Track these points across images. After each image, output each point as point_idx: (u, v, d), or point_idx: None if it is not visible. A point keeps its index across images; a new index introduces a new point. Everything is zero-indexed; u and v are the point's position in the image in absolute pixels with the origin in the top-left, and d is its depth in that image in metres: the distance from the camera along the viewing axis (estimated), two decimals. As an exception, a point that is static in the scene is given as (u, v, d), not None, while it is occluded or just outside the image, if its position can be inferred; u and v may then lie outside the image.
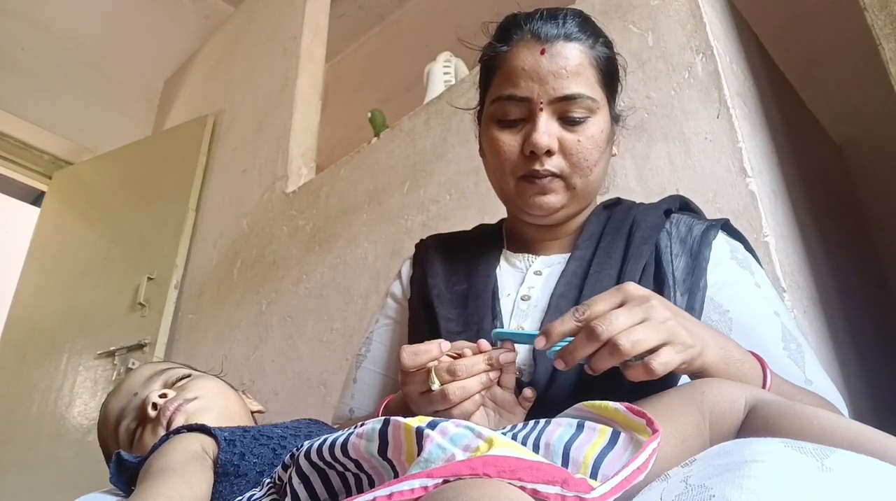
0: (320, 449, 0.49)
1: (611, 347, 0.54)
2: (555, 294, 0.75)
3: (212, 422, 0.73)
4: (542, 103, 0.74)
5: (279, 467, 0.55)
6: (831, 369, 1.02)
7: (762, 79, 1.38)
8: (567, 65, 0.74)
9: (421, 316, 0.83)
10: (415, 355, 0.62)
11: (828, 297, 1.16)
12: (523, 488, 0.36)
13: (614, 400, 0.52)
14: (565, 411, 0.56)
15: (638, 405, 0.51)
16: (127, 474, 0.71)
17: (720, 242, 0.78)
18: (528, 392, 0.65)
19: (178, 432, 0.70)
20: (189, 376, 0.85)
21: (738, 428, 0.50)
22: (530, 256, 0.84)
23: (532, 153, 0.75)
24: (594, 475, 0.46)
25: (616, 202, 0.88)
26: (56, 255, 3.00)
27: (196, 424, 0.71)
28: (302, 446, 0.52)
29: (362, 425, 0.48)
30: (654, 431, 0.46)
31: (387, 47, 3.36)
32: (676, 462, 0.43)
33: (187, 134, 2.94)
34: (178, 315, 2.50)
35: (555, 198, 0.77)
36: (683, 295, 0.73)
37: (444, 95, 1.82)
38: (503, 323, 0.76)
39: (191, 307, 2.48)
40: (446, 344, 0.63)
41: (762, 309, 0.73)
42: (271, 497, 0.54)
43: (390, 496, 0.36)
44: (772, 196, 1.12)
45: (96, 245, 2.86)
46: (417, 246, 0.96)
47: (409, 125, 1.87)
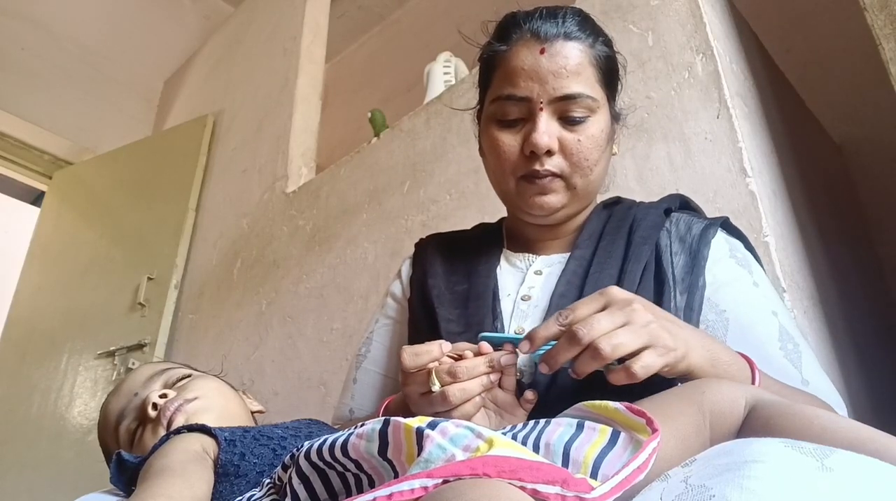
0: (320, 450, 0.49)
1: (592, 351, 0.55)
2: (555, 294, 0.75)
3: (212, 422, 0.73)
4: (541, 103, 0.74)
5: (279, 467, 0.55)
6: (831, 369, 1.02)
7: (762, 79, 1.37)
8: (567, 64, 0.74)
9: (421, 317, 0.83)
10: (415, 356, 0.62)
11: (828, 297, 1.16)
12: (523, 488, 0.36)
13: (614, 400, 0.52)
14: (565, 411, 0.56)
15: (638, 405, 0.51)
16: (127, 474, 0.71)
17: (719, 240, 0.77)
18: (530, 394, 0.64)
19: (178, 432, 0.70)
20: (189, 376, 0.85)
21: (739, 428, 0.50)
22: (531, 256, 0.84)
23: (532, 153, 0.75)
24: (594, 474, 0.46)
25: (616, 201, 0.88)
26: (56, 255, 3.00)
27: (196, 424, 0.71)
28: (302, 446, 0.52)
29: (362, 425, 0.48)
30: (654, 431, 0.46)
31: (387, 47, 3.35)
32: (676, 462, 0.43)
33: (187, 134, 2.94)
34: (178, 315, 2.50)
35: (555, 197, 0.77)
36: (683, 295, 0.72)
37: (444, 95, 1.82)
38: (504, 324, 0.76)
39: (191, 307, 2.48)
40: (447, 345, 0.63)
41: (759, 308, 0.73)
42: (271, 498, 0.54)
43: (390, 496, 0.36)
44: (772, 196, 1.12)
45: (96, 245, 2.86)
46: (417, 245, 0.96)
47: (409, 125, 1.87)
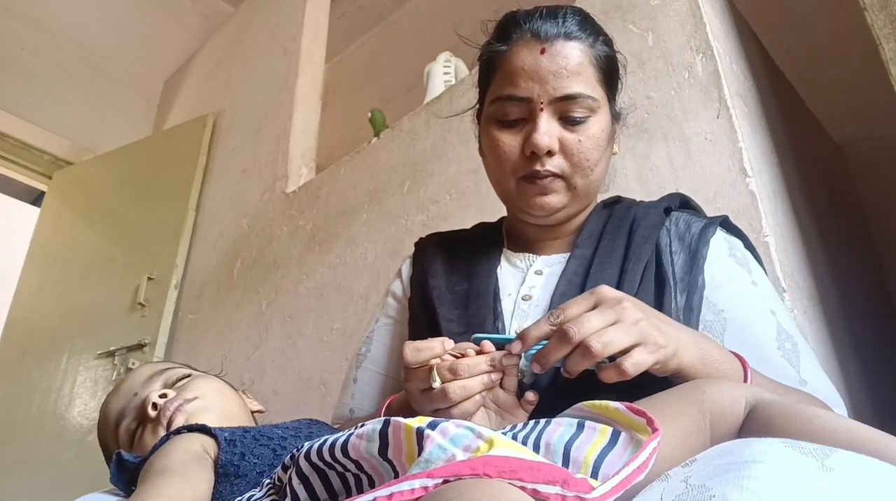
0: (320, 450, 0.49)
1: (583, 349, 0.55)
2: (556, 293, 0.75)
3: (212, 422, 0.73)
4: (542, 103, 0.74)
5: (279, 468, 0.55)
6: (831, 369, 1.02)
7: (762, 79, 1.37)
8: (567, 64, 0.74)
9: (421, 316, 0.83)
10: (417, 351, 0.62)
11: (828, 297, 1.16)
12: (523, 488, 0.36)
13: (615, 400, 0.52)
14: (565, 411, 0.56)
15: (638, 405, 0.51)
16: (127, 474, 0.71)
17: (718, 239, 0.77)
18: (531, 395, 0.64)
19: (178, 432, 0.70)
20: (189, 376, 0.85)
21: (739, 428, 0.50)
22: (531, 256, 0.84)
23: (533, 153, 0.74)
24: (595, 474, 0.46)
25: (616, 200, 0.88)
26: (56, 255, 3.00)
27: (196, 424, 0.71)
28: (302, 447, 0.52)
29: (362, 426, 0.48)
30: (655, 430, 0.46)
31: (387, 47, 3.35)
32: (677, 461, 0.43)
33: (187, 134, 2.94)
34: (178, 315, 2.50)
35: (556, 198, 0.77)
36: (683, 294, 0.72)
37: (444, 95, 1.82)
38: (504, 324, 0.76)
39: (191, 307, 2.48)
40: (450, 343, 0.63)
41: (757, 307, 0.73)
42: (271, 498, 0.54)
43: (390, 496, 0.36)
44: (772, 196, 1.12)
45: (96, 245, 2.86)
46: (417, 245, 0.96)
47: (409, 125, 1.87)
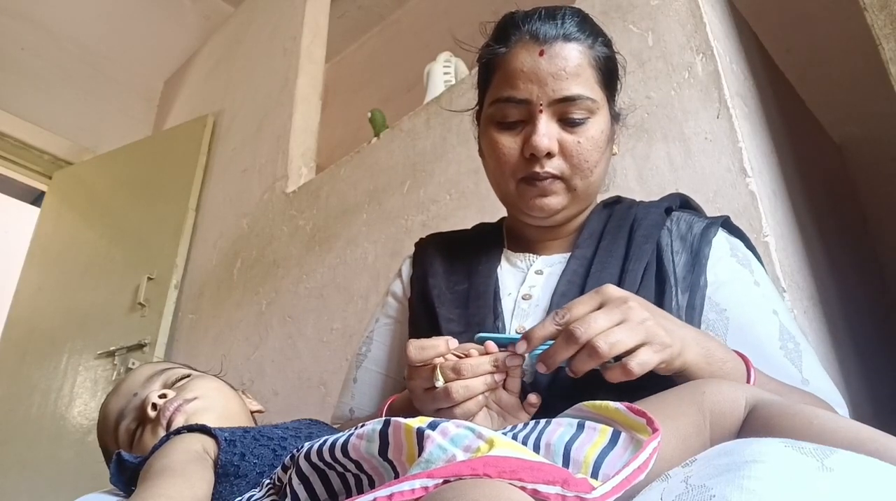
0: (320, 450, 0.49)
1: (589, 349, 0.55)
2: (556, 293, 0.75)
3: (212, 422, 0.73)
4: (541, 105, 0.74)
5: (279, 468, 0.55)
6: (831, 369, 1.02)
7: (762, 79, 1.37)
8: (566, 66, 0.74)
9: (421, 316, 0.83)
10: (421, 349, 0.62)
11: (828, 297, 1.16)
12: (524, 488, 0.36)
13: (615, 400, 0.52)
14: (566, 411, 0.56)
15: (638, 405, 0.51)
16: (127, 474, 0.71)
17: (720, 240, 0.77)
18: (533, 398, 0.64)
19: (178, 432, 0.70)
20: (189, 376, 0.85)
21: (739, 428, 0.50)
22: (531, 255, 0.84)
23: (532, 155, 0.74)
24: (595, 474, 0.46)
25: (616, 200, 0.88)
26: (56, 255, 3.00)
27: (196, 424, 0.71)
28: (302, 447, 0.52)
29: (363, 426, 0.48)
30: (655, 430, 0.46)
31: (387, 47, 3.35)
32: (677, 462, 0.43)
33: (187, 134, 2.94)
34: (178, 315, 2.50)
35: (556, 199, 0.77)
36: (684, 294, 0.73)
37: (444, 96, 1.82)
38: (504, 323, 0.76)
39: (191, 307, 2.48)
40: (454, 342, 0.63)
41: (760, 307, 0.73)
42: (271, 498, 0.54)
43: (391, 496, 0.36)
44: (772, 196, 1.12)
45: (96, 245, 2.86)
46: (417, 245, 0.96)
47: (409, 125, 1.87)
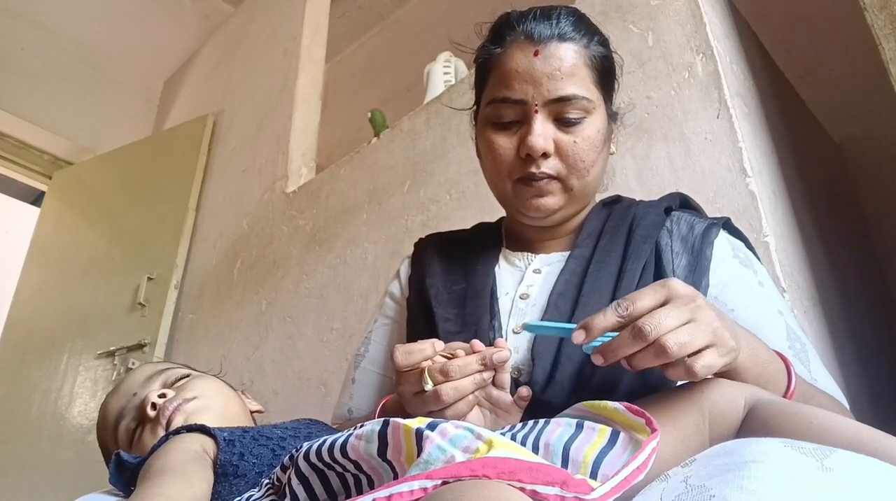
0: (319, 451, 0.49)
1: (657, 348, 0.52)
2: (554, 292, 0.74)
3: (211, 422, 0.73)
4: (536, 105, 0.74)
5: (278, 468, 0.55)
6: (831, 369, 1.02)
7: (762, 79, 1.37)
8: (561, 66, 0.74)
9: (419, 316, 0.83)
10: (408, 354, 0.62)
11: (828, 297, 1.16)
12: (523, 489, 0.36)
13: (613, 400, 0.52)
14: (564, 411, 0.56)
15: (637, 405, 0.51)
16: (126, 474, 0.71)
17: (721, 241, 0.77)
18: (524, 390, 0.64)
19: (177, 432, 0.70)
20: (188, 376, 0.85)
21: (738, 428, 0.50)
22: (530, 255, 0.84)
23: (528, 156, 0.74)
24: (594, 475, 0.46)
25: (616, 200, 0.88)
26: (56, 255, 3.00)
27: (195, 424, 0.71)
28: (301, 447, 0.52)
29: (361, 426, 0.48)
30: (654, 430, 0.46)
31: (387, 47, 3.35)
32: (676, 462, 0.43)
33: (187, 134, 2.94)
34: (178, 315, 2.50)
35: (552, 199, 0.77)
36: (684, 295, 0.72)
37: (444, 95, 1.82)
38: (501, 323, 0.76)
39: (191, 307, 2.48)
40: (440, 344, 0.63)
41: (766, 308, 0.73)
42: (270, 498, 0.54)
43: (389, 497, 0.36)
44: (772, 196, 1.12)
45: (96, 245, 2.86)
46: (416, 245, 0.96)
47: (409, 125, 1.87)
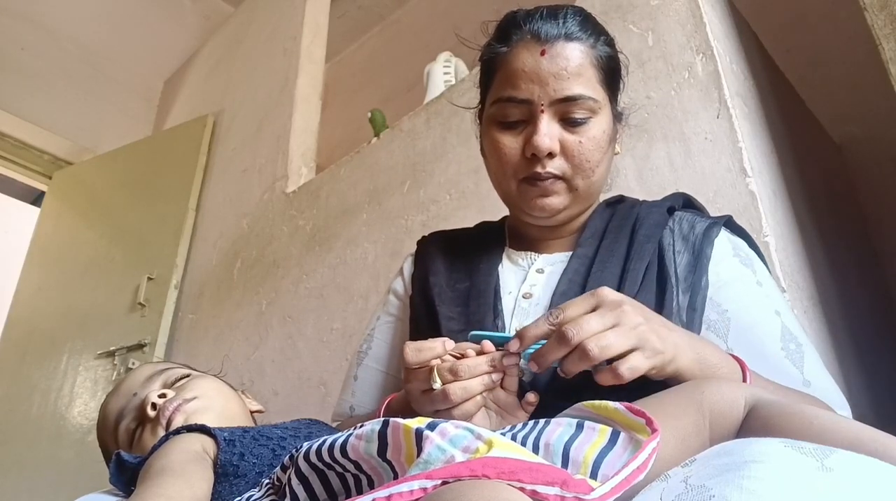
0: (319, 450, 0.49)
1: (580, 352, 0.55)
2: (557, 292, 0.74)
3: (211, 422, 0.73)
4: (542, 105, 0.74)
5: (278, 468, 0.55)
6: (831, 369, 1.02)
7: (762, 79, 1.37)
8: (568, 65, 0.73)
9: (422, 314, 0.83)
10: (418, 351, 0.62)
11: (828, 297, 1.16)
12: (522, 489, 0.36)
13: (614, 401, 0.52)
14: (565, 411, 0.56)
15: (637, 405, 0.51)
16: (127, 474, 0.71)
17: (722, 240, 0.77)
18: (531, 396, 0.64)
19: (177, 432, 0.70)
20: (188, 376, 0.85)
21: (738, 428, 0.50)
22: (533, 254, 0.84)
23: (533, 155, 0.74)
24: (594, 475, 0.46)
25: (619, 199, 0.88)
26: (56, 255, 3.00)
27: (196, 424, 0.71)
28: (301, 447, 0.52)
29: (362, 426, 0.48)
30: (654, 430, 0.46)
31: (387, 47, 3.35)
32: (676, 462, 0.43)
33: (187, 134, 2.94)
34: (178, 315, 2.50)
35: (557, 199, 0.77)
36: (685, 294, 0.72)
37: (444, 95, 1.82)
38: (504, 322, 0.76)
39: (191, 307, 2.48)
40: (451, 343, 0.63)
41: (762, 307, 0.73)
42: (270, 498, 0.54)
43: (389, 497, 0.36)
44: (772, 196, 1.12)
45: (96, 245, 2.86)
46: (419, 243, 0.96)
47: (409, 125, 1.87)
